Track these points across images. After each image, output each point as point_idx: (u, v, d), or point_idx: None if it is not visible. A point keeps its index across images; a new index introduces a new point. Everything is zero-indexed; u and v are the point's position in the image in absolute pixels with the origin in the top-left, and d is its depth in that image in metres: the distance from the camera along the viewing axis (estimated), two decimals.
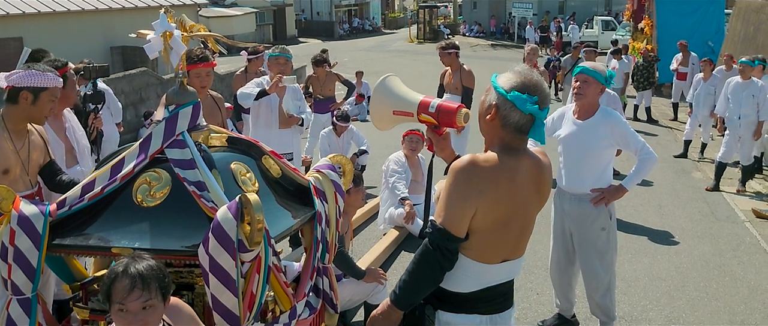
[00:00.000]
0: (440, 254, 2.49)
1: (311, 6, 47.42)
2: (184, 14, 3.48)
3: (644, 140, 4.52)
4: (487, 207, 2.49)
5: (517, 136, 2.58)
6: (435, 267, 2.52)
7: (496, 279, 2.64)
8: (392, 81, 2.95)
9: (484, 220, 2.50)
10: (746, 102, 8.67)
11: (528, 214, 2.66)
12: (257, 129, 6.44)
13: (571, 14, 38.43)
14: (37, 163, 3.88)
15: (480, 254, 2.57)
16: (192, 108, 3.24)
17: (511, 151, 2.57)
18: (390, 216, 6.78)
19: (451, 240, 2.49)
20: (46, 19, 18.35)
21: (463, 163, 2.51)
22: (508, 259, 2.65)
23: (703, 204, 8.35)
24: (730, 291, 5.73)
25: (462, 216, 2.48)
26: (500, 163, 2.51)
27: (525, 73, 2.58)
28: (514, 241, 2.65)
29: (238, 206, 2.71)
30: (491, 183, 2.48)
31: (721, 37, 17.66)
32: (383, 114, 2.94)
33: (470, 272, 2.59)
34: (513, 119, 2.53)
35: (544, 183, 2.70)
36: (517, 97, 2.51)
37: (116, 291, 2.34)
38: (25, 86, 3.64)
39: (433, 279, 2.56)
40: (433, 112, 2.79)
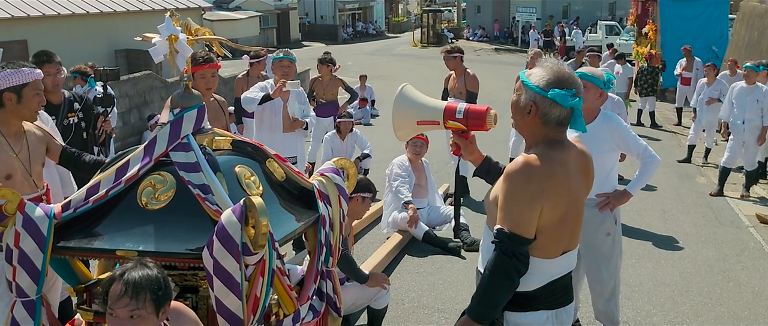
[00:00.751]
0: (516, 260, 2.48)
1: (315, 9, 47.49)
2: (189, 18, 3.49)
3: (646, 143, 4.52)
4: (551, 203, 2.50)
5: (558, 130, 2.61)
6: (512, 274, 2.50)
7: (558, 272, 2.66)
8: (410, 90, 2.92)
9: (549, 217, 2.52)
10: (750, 107, 8.67)
11: (580, 203, 2.69)
12: (261, 132, 6.44)
13: (575, 19, 38.45)
14: (39, 161, 3.87)
15: (544, 250, 2.58)
16: (197, 111, 3.25)
17: (556, 144, 2.60)
18: (393, 221, 6.78)
19: (524, 244, 2.49)
20: (51, 22, 18.39)
21: (520, 166, 2.51)
22: (567, 251, 2.67)
23: (707, 210, 8.33)
24: (734, 296, 5.71)
25: (530, 217, 2.48)
26: (553, 159, 2.53)
27: (556, 68, 2.60)
28: (571, 232, 2.67)
29: (243, 209, 2.72)
30: (550, 180, 2.50)
31: (725, 42, 17.66)
32: (406, 125, 2.91)
33: (535, 269, 2.58)
34: (554, 115, 2.56)
35: (590, 170, 2.75)
36: (557, 94, 2.52)
37: (110, 294, 2.36)
38: (6, 87, 3.59)
39: (512, 286, 2.54)
40: (462, 117, 2.78)
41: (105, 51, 19.39)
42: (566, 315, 2.75)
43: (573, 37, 32.35)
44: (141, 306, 2.34)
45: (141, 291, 2.34)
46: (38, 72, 3.75)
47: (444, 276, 5.97)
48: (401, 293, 5.59)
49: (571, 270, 2.76)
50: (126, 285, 2.34)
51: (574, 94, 2.55)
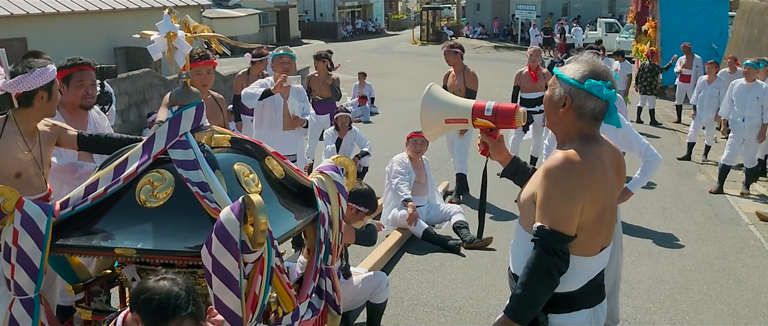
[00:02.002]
0: (557, 258, 2.44)
1: (315, 7, 47.46)
2: (187, 15, 3.48)
3: (648, 142, 4.51)
4: (591, 200, 2.48)
5: (593, 124, 2.59)
6: (553, 272, 2.46)
7: (597, 269, 2.64)
8: (437, 90, 2.92)
9: (589, 214, 2.49)
10: (750, 104, 8.65)
11: (614, 200, 2.67)
12: (261, 130, 6.44)
13: (575, 16, 38.43)
14: (48, 162, 3.86)
15: (585, 248, 2.55)
16: (195, 109, 3.24)
17: (591, 140, 2.58)
18: (393, 218, 6.77)
19: (565, 241, 2.46)
20: (50, 19, 18.36)
21: (559, 162, 2.48)
22: (604, 247, 2.65)
23: (706, 207, 8.33)
24: (734, 293, 5.71)
25: (572, 214, 2.46)
26: (590, 154, 2.51)
27: (591, 60, 2.59)
28: (608, 229, 2.65)
29: (242, 207, 2.71)
30: (589, 175, 2.48)
31: (725, 40, 17.65)
32: (435, 124, 2.91)
33: (577, 268, 2.54)
34: (589, 107, 2.54)
35: (622, 166, 2.73)
36: (594, 85, 2.51)
37: None
38: (39, 86, 3.56)
39: (552, 284, 2.49)
40: (490, 114, 2.78)
41: (104, 48, 19.35)
42: (602, 312, 2.73)
43: (573, 34, 32.32)
44: None
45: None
46: (55, 67, 3.74)
47: (443, 274, 5.97)
48: (400, 290, 5.59)
49: (604, 266, 2.73)
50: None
51: (610, 86, 2.53)
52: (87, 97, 4.34)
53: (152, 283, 2.53)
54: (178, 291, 2.49)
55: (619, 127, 2.67)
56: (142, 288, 2.54)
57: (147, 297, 2.49)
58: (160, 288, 2.49)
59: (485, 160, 2.96)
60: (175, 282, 2.53)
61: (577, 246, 2.51)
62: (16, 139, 3.62)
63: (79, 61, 4.34)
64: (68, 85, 4.27)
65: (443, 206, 7.14)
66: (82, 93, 4.32)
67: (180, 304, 2.47)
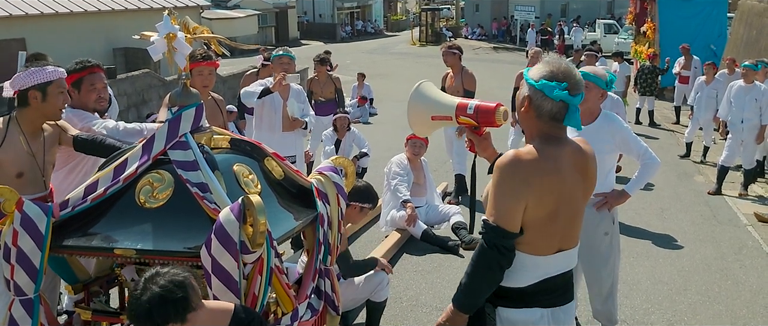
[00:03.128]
0: (498, 252, 2.51)
1: (313, 8, 47.47)
2: (187, 16, 3.49)
3: (647, 144, 4.51)
4: (537, 199, 2.51)
5: (553, 125, 2.61)
6: (494, 266, 2.54)
7: (553, 270, 2.66)
8: (426, 87, 2.98)
9: (536, 212, 2.53)
10: (749, 106, 8.67)
11: (576, 202, 2.69)
12: (260, 131, 6.44)
13: (575, 17, 38.44)
14: (52, 162, 3.87)
15: (534, 247, 2.59)
16: (195, 109, 3.25)
17: (551, 140, 2.61)
18: (392, 219, 6.78)
19: (507, 237, 2.51)
20: (49, 20, 18.37)
21: (507, 159, 2.53)
22: (562, 249, 2.67)
23: (705, 208, 8.34)
24: (732, 294, 5.72)
25: (514, 211, 2.51)
26: (542, 154, 2.54)
27: (553, 61, 2.62)
28: (566, 230, 2.66)
29: (241, 208, 2.72)
30: (537, 175, 2.51)
31: (724, 41, 17.67)
32: (421, 120, 2.97)
33: (527, 266, 2.60)
34: (546, 108, 2.57)
35: (589, 170, 2.74)
36: (546, 85, 2.54)
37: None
38: (31, 85, 3.59)
39: (494, 278, 2.58)
40: (472, 113, 2.83)
41: (103, 49, 19.37)
42: (564, 314, 2.74)
43: (572, 35, 32.34)
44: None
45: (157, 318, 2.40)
46: (62, 71, 3.73)
47: (442, 275, 5.98)
48: (399, 291, 5.60)
49: (570, 269, 2.76)
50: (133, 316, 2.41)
51: (566, 87, 2.55)
52: (100, 101, 4.33)
53: (133, 301, 2.46)
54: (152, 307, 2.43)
55: (579, 129, 2.70)
56: (129, 304, 2.50)
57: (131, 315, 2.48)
58: (138, 307, 2.44)
59: (473, 157, 3.01)
60: (151, 295, 2.44)
61: (525, 243, 2.57)
62: (18, 139, 3.64)
63: (88, 64, 4.32)
64: (80, 90, 4.26)
65: (442, 207, 7.14)
66: (94, 96, 4.31)
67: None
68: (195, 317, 2.47)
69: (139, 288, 2.42)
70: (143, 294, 2.39)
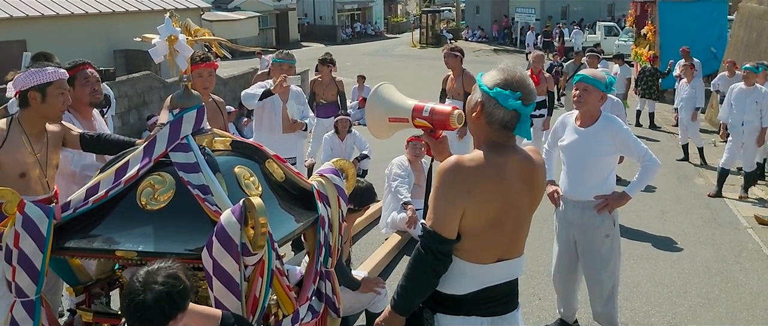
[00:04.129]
0: (433, 257, 2.49)
1: (314, 10, 47.49)
2: (188, 18, 3.50)
3: (647, 146, 4.52)
4: (476, 206, 2.48)
5: (503, 133, 2.58)
6: (428, 270, 2.52)
7: (493, 279, 2.62)
8: (385, 89, 2.96)
9: (475, 220, 2.50)
10: (749, 108, 8.67)
11: (521, 212, 2.64)
12: (261, 133, 6.44)
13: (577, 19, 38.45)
14: (55, 163, 3.87)
15: (474, 255, 2.57)
16: (196, 112, 3.25)
17: (498, 148, 2.57)
18: (392, 221, 6.78)
19: (442, 242, 2.49)
20: (50, 22, 18.40)
21: (448, 165, 2.50)
22: (504, 258, 2.63)
23: (705, 211, 8.34)
24: (733, 297, 5.72)
25: (450, 217, 2.48)
26: (486, 162, 2.51)
27: (508, 69, 2.59)
28: (509, 240, 2.62)
29: (242, 210, 2.72)
30: (477, 182, 2.48)
31: (724, 44, 17.67)
32: (379, 122, 2.95)
33: (465, 273, 2.57)
34: (498, 116, 2.54)
35: (536, 180, 2.68)
36: (500, 94, 2.51)
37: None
38: (31, 86, 3.60)
39: (428, 282, 2.56)
40: (427, 115, 2.80)
41: (104, 51, 19.39)
42: (505, 322, 2.70)
43: (573, 37, 32.33)
44: None
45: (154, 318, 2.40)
46: (62, 72, 3.74)
47: None
48: None
49: (514, 278, 2.72)
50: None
51: (519, 97, 2.52)
52: (95, 94, 4.41)
53: (136, 304, 2.44)
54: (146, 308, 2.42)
55: (528, 139, 2.71)
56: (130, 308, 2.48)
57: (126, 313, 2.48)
58: (146, 308, 2.43)
59: (430, 161, 3.01)
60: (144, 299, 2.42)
61: (463, 250, 2.55)
62: (21, 139, 3.65)
63: (79, 62, 4.42)
64: (74, 86, 4.30)
65: None
66: (88, 90, 4.38)
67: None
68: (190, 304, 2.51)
69: (139, 290, 2.40)
70: (147, 295, 2.38)
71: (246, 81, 14.09)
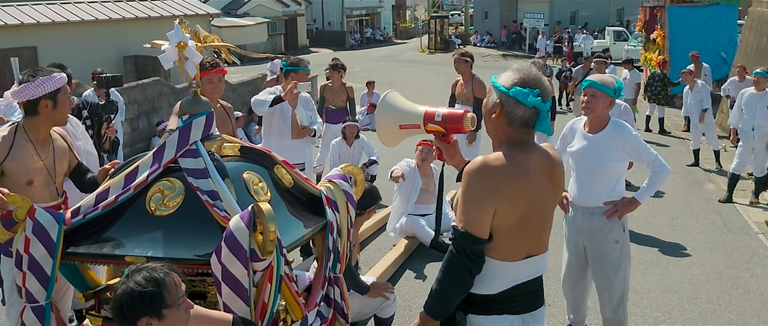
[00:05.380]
0: (467, 258, 2.52)
1: (323, 16, 47.60)
2: (198, 24, 3.51)
3: (656, 152, 4.50)
4: (506, 205, 2.52)
5: (523, 131, 2.63)
6: (463, 272, 2.55)
7: (522, 276, 2.67)
8: (393, 97, 2.99)
9: (505, 219, 2.54)
10: (760, 113, 8.62)
11: (545, 208, 2.69)
12: (270, 139, 6.46)
13: (583, 24, 38.39)
14: (63, 170, 3.89)
15: (503, 253, 2.60)
16: (205, 118, 3.27)
17: (519, 146, 2.62)
18: (401, 227, 6.77)
19: (476, 243, 2.52)
20: (60, 28, 18.50)
21: (475, 166, 2.55)
22: (531, 255, 2.67)
23: (715, 216, 8.30)
24: (743, 303, 5.69)
25: (482, 217, 2.52)
26: (511, 160, 2.55)
27: (523, 69, 2.64)
28: (535, 236, 2.67)
29: (251, 215, 2.73)
30: (505, 181, 2.52)
31: (734, 48, 17.59)
32: (389, 129, 2.97)
33: (496, 272, 2.61)
34: (518, 114, 2.59)
35: (556, 175, 2.74)
36: (520, 92, 2.56)
37: None
38: (43, 94, 3.62)
39: (464, 284, 2.58)
40: (440, 120, 2.83)
41: (114, 57, 19.48)
42: (534, 319, 2.75)
43: (582, 42, 32.26)
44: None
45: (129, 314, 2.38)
46: (64, 75, 3.76)
47: None
48: (408, 299, 5.59)
49: (540, 275, 2.77)
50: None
51: (538, 94, 2.57)
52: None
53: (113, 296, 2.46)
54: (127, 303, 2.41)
55: (549, 134, 2.71)
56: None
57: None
58: (113, 301, 2.44)
59: (442, 166, 3.03)
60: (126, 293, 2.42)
61: (494, 249, 2.57)
62: (27, 147, 3.66)
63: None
64: None
65: (451, 214, 7.13)
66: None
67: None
68: (174, 314, 2.40)
69: (121, 282, 2.43)
70: (119, 288, 2.39)
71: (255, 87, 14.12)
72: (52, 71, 3.70)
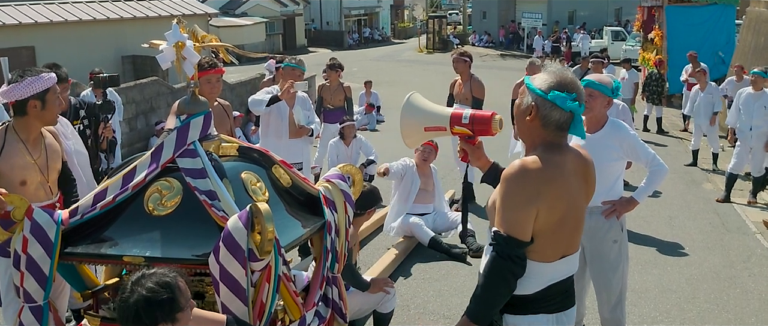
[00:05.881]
0: (511, 262, 2.51)
1: (321, 16, 47.59)
2: (196, 24, 3.51)
3: (654, 152, 4.50)
4: (547, 207, 2.52)
5: (558, 134, 2.63)
6: (508, 276, 2.54)
7: (557, 276, 2.67)
8: (417, 98, 2.97)
9: (546, 221, 2.53)
10: (758, 113, 8.63)
11: (580, 208, 2.71)
12: (267, 139, 6.46)
13: (581, 24, 38.41)
14: (56, 169, 3.88)
15: (542, 254, 2.60)
16: (203, 118, 3.26)
17: (554, 148, 2.62)
18: (399, 226, 6.77)
19: (520, 246, 2.52)
20: (58, 28, 18.49)
21: (515, 170, 2.53)
22: (566, 254, 2.68)
23: (713, 216, 8.31)
24: (741, 303, 5.69)
25: (526, 220, 2.51)
26: (549, 162, 2.55)
27: (558, 72, 2.63)
28: (570, 236, 2.68)
29: (249, 215, 2.73)
30: (546, 183, 2.52)
31: (732, 48, 17.61)
32: (414, 131, 2.96)
33: (533, 273, 2.60)
34: (554, 118, 2.58)
35: (590, 175, 2.76)
36: (558, 96, 2.55)
37: None
38: (31, 95, 3.59)
39: (508, 288, 2.57)
40: (467, 122, 2.83)
41: (112, 57, 19.47)
42: (567, 318, 2.76)
43: (580, 42, 32.28)
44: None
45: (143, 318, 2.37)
46: (54, 75, 3.74)
47: (450, 283, 5.97)
48: (407, 299, 5.59)
49: (572, 274, 2.77)
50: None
51: (575, 98, 2.57)
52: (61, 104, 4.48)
53: (121, 304, 2.44)
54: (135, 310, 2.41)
55: (582, 137, 2.70)
56: (118, 307, 2.47)
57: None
58: (127, 309, 2.42)
59: (466, 167, 3.02)
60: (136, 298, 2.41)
61: (533, 251, 2.56)
62: (19, 147, 3.64)
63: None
64: None
65: (450, 214, 7.14)
66: None
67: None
68: (184, 316, 2.44)
69: (127, 290, 2.41)
70: (130, 296, 2.38)
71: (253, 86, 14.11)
72: (41, 71, 3.67)
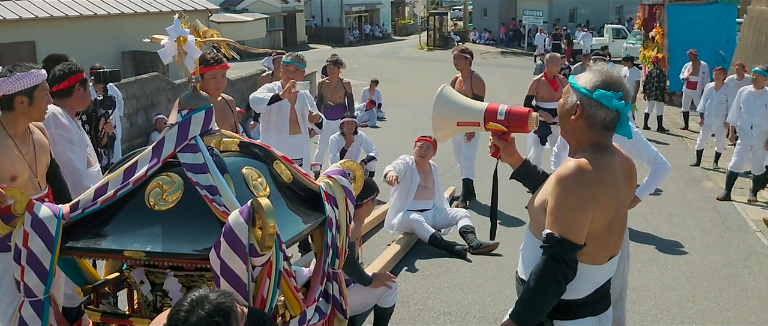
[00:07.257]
0: (565, 265, 2.45)
1: (322, 12, 47.56)
2: (197, 20, 3.51)
3: (657, 150, 4.50)
4: (602, 209, 2.48)
5: (603, 134, 2.58)
6: (560, 279, 2.47)
7: (604, 277, 2.64)
8: (449, 91, 2.91)
9: (600, 222, 2.50)
10: (759, 111, 8.63)
11: (625, 208, 2.69)
12: (268, 134, 6.46)
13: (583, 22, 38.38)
14: (45, 164, 3.87)
15: (593, 257, 2.55)
16: (205, 113, 3.26)
17: (603, 149, 2.58)
18: (399, 223, 6.77)
19: (574, 249, 2.46)
20: (59, 23, 18.47)
21: (571, 171, 2.48)
22: (612, 256, 2.65)
23: (713, 214, 8.31)
24: (741, 301, 5.69)
25: (582, 223, 2.46)
26: (602, 164, 2.51)
27: (603, 71, 2.59)
28: (618, 238, 2.65)
29: (250, 211, 2.73)
30: (600, 185, 2.48)
31: (733, 46, 17.61)
32: (446, 125, 2.91)
33: (585, 276, 2.55)
34: (599, 117, 2.54)
35: (633, 176, 2.74)
36: (603, 95, 2.51)
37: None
38: (18, 91, 3.53)
39: (559, 292, 2.51)
40: (503, 118, 2.77)
41: (112, 52, 19.44)
42: (607, 319, 2.74)
43: (582, 40, 32.26)
44: None
45: None
46: (43, 72, 3.71)
47: (450, 279, 5.97)
48: (407, 295, 5.59)
49: (612, 275, 2.73)
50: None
51: (621, 96, 2.53)
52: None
53: (176, 319, 2.32)
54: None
55: (630, 137, 2.66)
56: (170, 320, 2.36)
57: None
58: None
59: (495, 163, 2.95)
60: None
61: (585, 254, 2.51)
62: (7, 142, 3.60)
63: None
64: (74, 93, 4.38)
65: (450, 211, 7.14)
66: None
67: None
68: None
69: (185, 308, 2.30)
70: (190, 315, 2.28)
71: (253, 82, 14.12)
72: (31, 67, 3.63)
